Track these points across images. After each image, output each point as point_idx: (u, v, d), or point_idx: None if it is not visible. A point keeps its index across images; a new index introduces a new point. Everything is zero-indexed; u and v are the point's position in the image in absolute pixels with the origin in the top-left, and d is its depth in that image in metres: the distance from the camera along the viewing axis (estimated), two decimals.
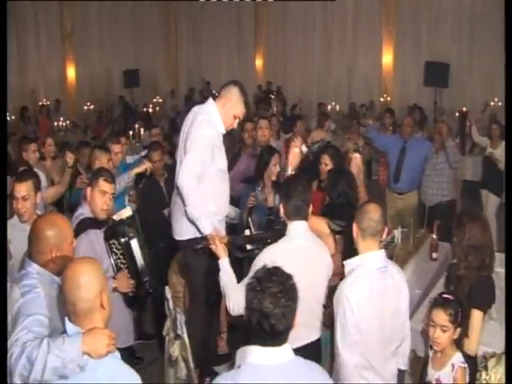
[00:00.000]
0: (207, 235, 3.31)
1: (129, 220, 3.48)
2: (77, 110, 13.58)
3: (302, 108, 11.82)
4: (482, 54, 11.78)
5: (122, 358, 2.11)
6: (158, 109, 13.69)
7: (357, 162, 4.59)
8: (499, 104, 10.43)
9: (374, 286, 2.71)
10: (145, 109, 12.99)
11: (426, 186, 6.28)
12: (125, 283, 3.34)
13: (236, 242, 3.33)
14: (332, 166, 4.34)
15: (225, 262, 3.11)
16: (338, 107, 11.93)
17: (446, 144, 6.10)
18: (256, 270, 2.03)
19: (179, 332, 3.66)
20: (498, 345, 3.06)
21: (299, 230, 3.03)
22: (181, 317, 3.64)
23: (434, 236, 4.82)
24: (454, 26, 12.38)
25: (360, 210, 2.84)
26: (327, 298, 3.07)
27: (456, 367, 2.84)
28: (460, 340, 2.97)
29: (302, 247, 2.99)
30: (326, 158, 4.44)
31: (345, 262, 2.84)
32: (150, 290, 3.49)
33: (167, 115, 13.12)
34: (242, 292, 2.83)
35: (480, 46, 11.83)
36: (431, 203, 6.25)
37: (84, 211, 3.47)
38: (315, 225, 3.43)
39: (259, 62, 15.51)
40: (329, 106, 11.59)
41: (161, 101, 14.45)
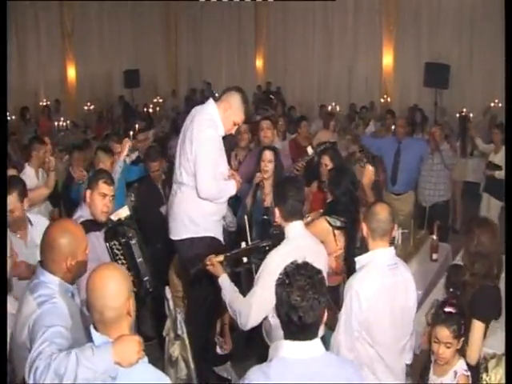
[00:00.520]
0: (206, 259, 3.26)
1: (127, 220, 3.47)
2: (77, 110, 13.57)
3: (301, 109, 11.82)
4: (482, 54, 11.76)
5: None
6: (158, 109, 13.69)
7: (369, 174, 4.51)
8: (499, 105, 10.43)
9: (384, 281, 2.75)
10: (145, 109, 12.99)
11: (423, 186, 6.30)
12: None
13: (232, 257, 3.31)
14: (332, 166, 4.38)
15: (224, 279, 3.10)
16: (338, 108, 11.92)
17: (440, 148, 6.10)
18: (286, 266, 2.04)
19: (179, 332, 3.67)
20: (498, 346, 3.07)
21: (297, 230, 3.07)
22: (181, 317, 3.64)
23: (434, 237, 4.83)
24: (454, 27, 12.36)
25: (369, 211, 2.88)
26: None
27: (459, 374, 2.84)
28: (462, 347, 2.95)
29: (303, 246, 3.01)
30: (326, 159, 4.52)
31: (356, 258, 2.89)
32: (150, 289, 3.48)
33: (168, 115, 13.12)
34: (251, 304, 2.86)
35: (480, 47, 11.81)
36: (428, 203, 6.27)
37: (83, 213, 3.45)
38: (317, 227, 3.47)
39: (259, 62, 15.50)
40: (329, 107, 11.58)
41: (161, 101, 14.45)
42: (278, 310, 1.99)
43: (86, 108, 13.13)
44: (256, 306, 2.90)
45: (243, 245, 3.46)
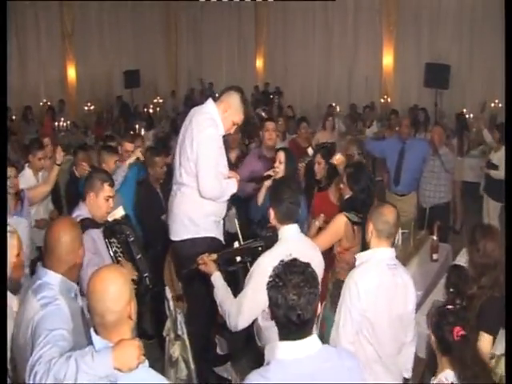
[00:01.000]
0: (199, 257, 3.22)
1: (123, 220, 3.50)
2: (77, 110, 13.57)
3: (302, 110, 11.80)
4: (482, 54, 11.77)
5: None
6: (158, 109, 13.69)
7: None
8: (499, 105, 10.43)
9: (383, 280, 2.77)
10: (145, 109, 12.99)
11: (424, 187, 6.29)
12: (129, 271, 3.30)
13: (225, 256, 3.29)
14: (324, 164, 4.70)
15: (216, 277, 3.06)
16: (338, 108, 11.92)
17: (439, 152, 6.09)
18: (274, 268, 2.01)
19: (179, 332, 3.67)
20: (497, 346, 3.06)
21: (292, 233, 3.02)
22: (181, 317, 3.64)
23: (435, 237, 4.83)
24: (454, 27, 12.37)
25: (376, 211, 2.89)
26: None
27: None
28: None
29: (297, 249, 2.97)
30: (318, 157, 4.81)
31: (357, 255, 2.91)
32: (150, 286, 3.49)
33: (168, 116, 13.12)
34: (241, 305, 2.85)
35: (480, 47, 11.82)
36: (429, 205, 6.26)
37: (82, 213, 3.43)
38: (337, 222, 3.50)
39: (259, 62, 15.50)
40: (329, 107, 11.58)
41: (161, 101, 14.45)
42: (274, 312, 1.95)
43: (86, 108, 13.12)
44: (246, 307, 2.86)
45: (236, 244, 3.47)
